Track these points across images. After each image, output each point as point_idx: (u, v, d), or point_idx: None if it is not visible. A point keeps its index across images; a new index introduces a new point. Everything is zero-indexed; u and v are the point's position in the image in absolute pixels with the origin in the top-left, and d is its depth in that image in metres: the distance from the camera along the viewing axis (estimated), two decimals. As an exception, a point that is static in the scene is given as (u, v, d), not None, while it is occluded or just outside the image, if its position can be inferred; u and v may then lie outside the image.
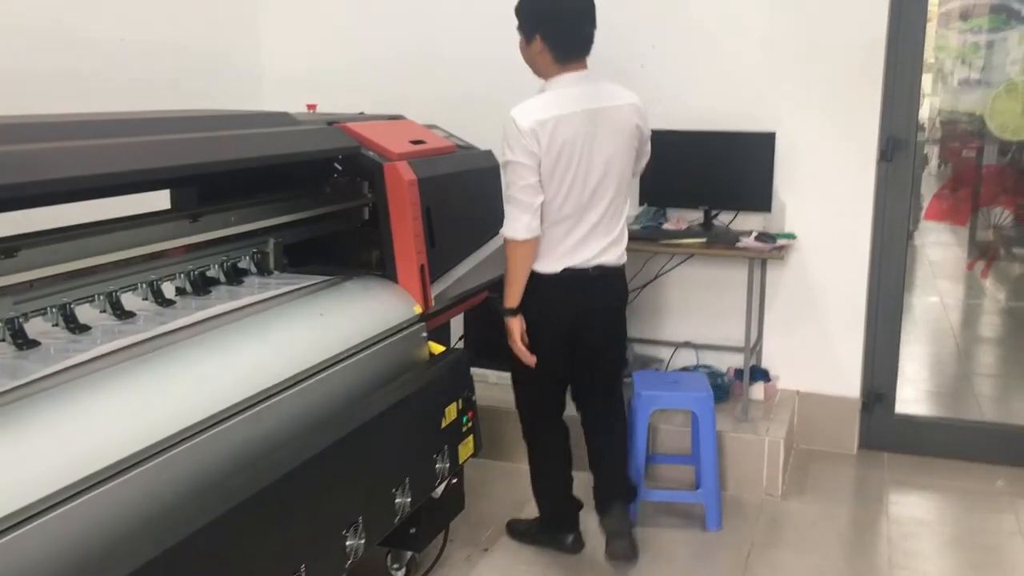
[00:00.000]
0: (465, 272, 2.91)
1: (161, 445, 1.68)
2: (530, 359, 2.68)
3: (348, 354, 2.22)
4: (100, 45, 3.38)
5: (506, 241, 2.63)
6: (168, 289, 2.25)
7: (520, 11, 2.66)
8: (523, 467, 3.01)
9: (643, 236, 3.68)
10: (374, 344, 2.34)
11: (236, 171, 2.32)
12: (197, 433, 1.77)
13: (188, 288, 2.30)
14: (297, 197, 2.71)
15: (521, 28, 2.65)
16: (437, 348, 2.61)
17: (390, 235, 2.57)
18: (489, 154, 3.20)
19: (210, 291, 2.33)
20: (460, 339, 3.86)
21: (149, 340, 1.93)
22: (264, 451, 1.89)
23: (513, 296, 2.66)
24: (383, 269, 2.61)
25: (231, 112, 2.50)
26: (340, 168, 2.72)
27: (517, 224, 2.59)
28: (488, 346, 3.61)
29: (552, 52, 2.64)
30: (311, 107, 3.21)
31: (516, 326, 2.67)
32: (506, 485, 3.41)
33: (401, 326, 2.48)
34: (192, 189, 2.70)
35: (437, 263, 2.70)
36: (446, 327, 3.07)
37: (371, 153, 2.57)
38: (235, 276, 2.45)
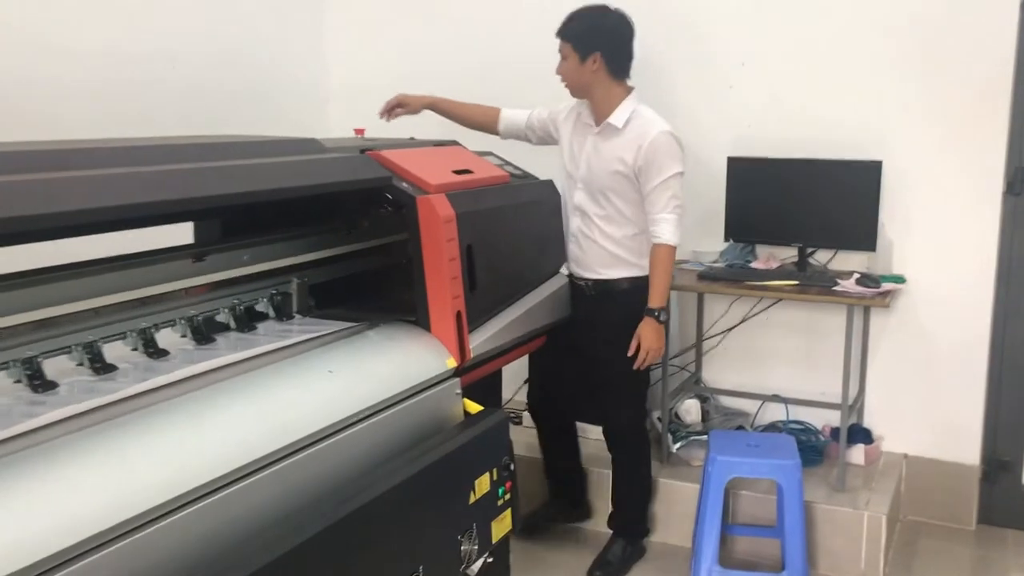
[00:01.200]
0: (517, 316, 2.59)
1: (120, 529, 1.42)
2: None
3: (358, 418, 1.93)
4: (158, 59, 3.27)
5: (666, 247, 2.79)
6: (165, 337, 2.00)
7: (578, 30, 2.77)
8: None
9: (728, 276, 3.28)
10: (393, 405, 2.04)
11: (256, 203, 2.07)
12: (161, 517, 1.49)
13: (189, 336, 2.05)
14: (327, 232, 2.45)
15: (578, 47, 2.76)
16: (473, 407, 2.30)
17: (422, 277, 2.27)
18: (549, 185, 2.89)
19: (215, 339, 2.08)
20: (525, 383, 3.52)
21: (121, 401, 1.67)
22: (242, 538, 1.61)
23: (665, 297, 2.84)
24: (416, 315, 2.31)
25: (250, 139, 2.26)
26: (388, 198, 2.44)
27: (680, 231, 2.81)
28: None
29: (612, 69, 2.80)
30: (359, 132, 2.96)
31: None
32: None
33: (429, 382, 2.18)
34: (215, 221, 2.47)
35: (478, 308, 2.40)
36: (497, 380, 2.75)
37: (404, 184, 2.29)
38: (247, 321, 2.19)
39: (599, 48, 2.77)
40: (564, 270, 2.96)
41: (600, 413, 3.08)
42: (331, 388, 1.93)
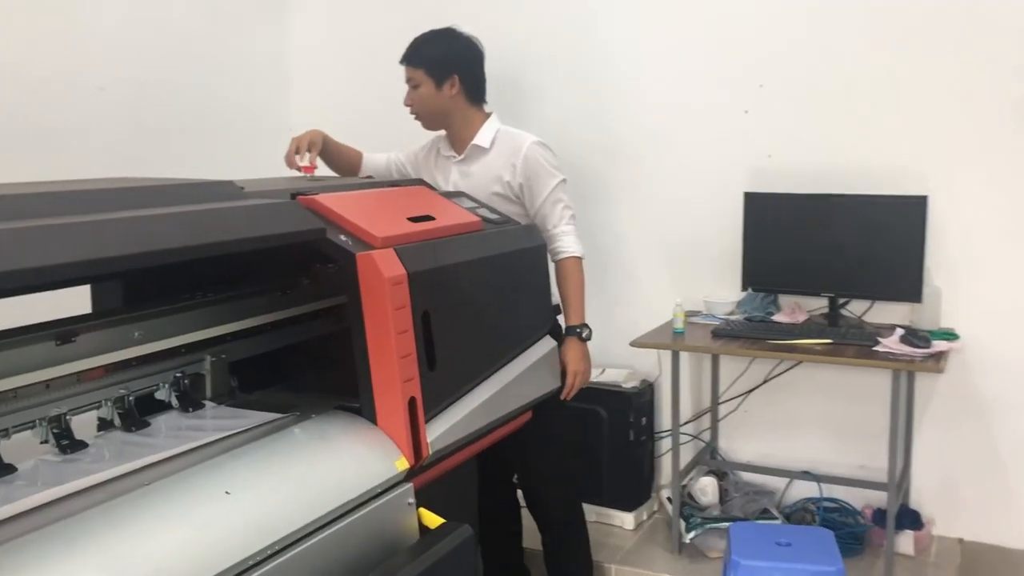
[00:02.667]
0: (493, 394, 2.10)
1: None
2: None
3: (265, 555, 1.44)
4: (119, 88, 2.98)
5: (573, 260, 2.53)
6: (16, 448, 1.52)
7: (432, 54, 2.56)
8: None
9: (747, 333, 2.80)
10: (319, 531, 1.55)
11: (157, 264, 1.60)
12: None
13: (52, 443, 1.57)
14: (255, 294, 1.98)
15: (433, 72, 2.55)
16: (432, 520, 1.80)
17: (365, 356, 1.79)
18: (531, 230, 2.41)
19: (86, 446, 1.60)
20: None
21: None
22: None
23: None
24: (360, 401, 1.83)
25: (147, 183, 1.79)
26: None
27: (580, 241, 2.55)
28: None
29: (470, 92, 2.61)
30: (307, 170, 2.51)
31: None
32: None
33: (372, 492, 1.69)
34: (116, 283, 2.00)
35: (440, 390, 1.91)
36: (468, 468, 2.25)
37: (342, 238, 1.81)
38: (137, 417, 1.71)
39: (456, 71, 2.55)
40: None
41: (527, 486, 2.63)
42: (227, 517, 1.44)
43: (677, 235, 3.16)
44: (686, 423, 3.21)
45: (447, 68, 2.54)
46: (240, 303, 1.94)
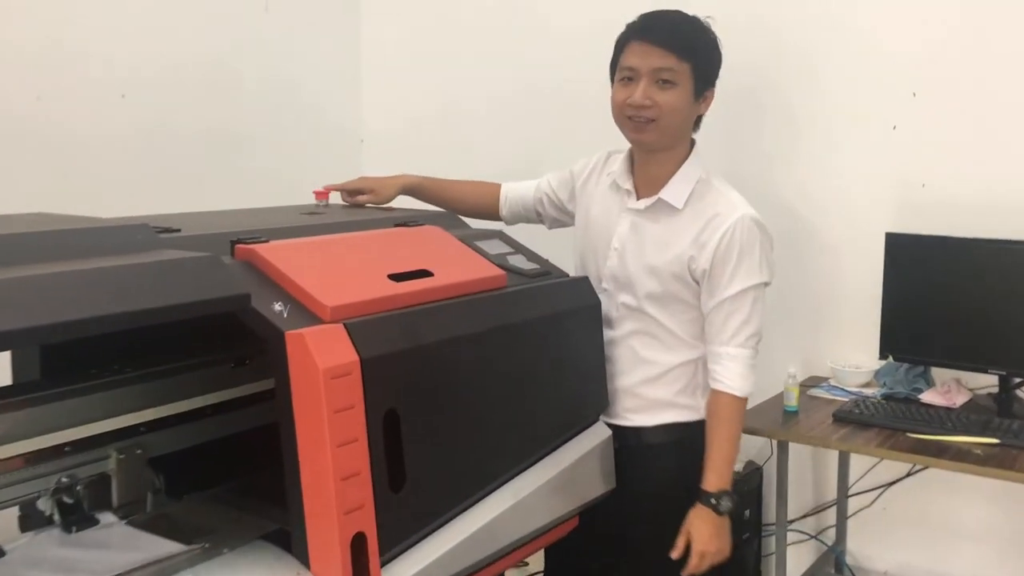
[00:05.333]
0: (506, 509, 1.57)
1: None
2: None
3: None
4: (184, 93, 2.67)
5: (731, 400, 1.81)
6: None
7: (705, 50, 1.82)
8: None
9: (883, 419, 2.14)
10: None
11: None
12: None
13: None
14: (193, 369, 1.53)
15: (700, 74, 1.82)
16: None
17: (295, 473, 1.30)
18: (581, 286, 1.85)
19: None
20: None
21: None
22: None
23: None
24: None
25: (34, 226, 1.36)
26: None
27: (754, 376, 1.84)
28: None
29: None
30: (320, 195, 2.07)
31: None
32: None
33: None
34: (33, 351, 1.60)
35: (412, 517, 1.40)
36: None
37: (276, 307, 1.32)
38: (-11, 543, 1.29)
39: (714, 82, 1.86)
40: (610, 416, 1.91)
41: None
42: None
43: (798, 282, 2.50)
44: (801, 518, 2.56)
45: (712, 76, 1.84)
46: (168, 381, 1.50)
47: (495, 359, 1.58)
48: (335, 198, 2.09)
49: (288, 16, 2.94)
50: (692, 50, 1.78)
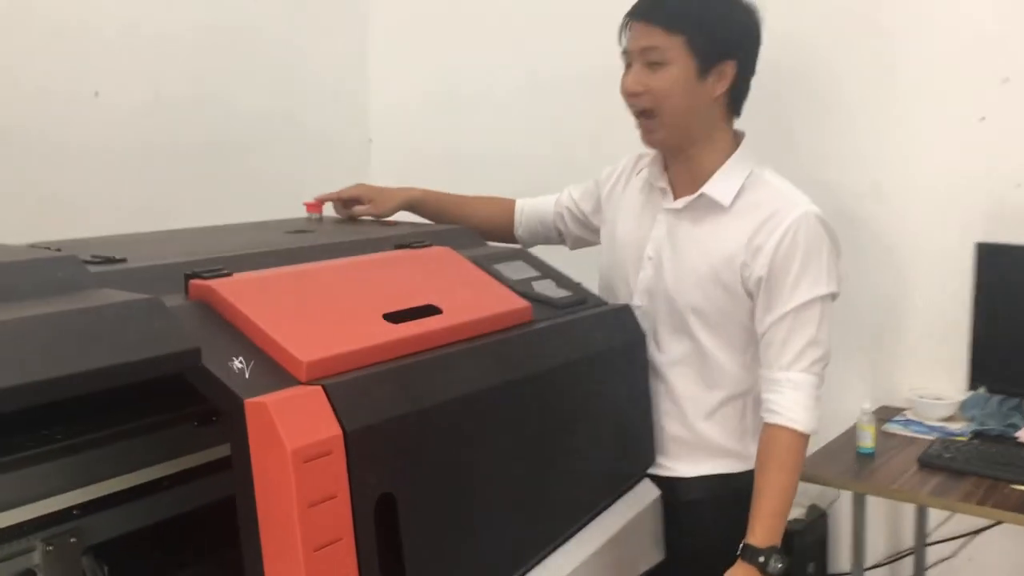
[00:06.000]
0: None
1: None
2: None
3: None
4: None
5: (791, 436, 1.47)
6: None
7: (710, 20, 1.50)
8: None
9: (976, 466, 1.81)
10: None
11: None
12: None
13: None
14: (130, 436, 1.23)
15: (698, 46, 1.49)
16: None
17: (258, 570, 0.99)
18: (624, 315, 1.54)
19: None
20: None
21: None
22: None
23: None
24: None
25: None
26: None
27: (819, 408, 1.49)
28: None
29: (735, 96, 1.56)
30: (312, 208, 1.79)
31: None
32: None
33: None
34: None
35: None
36: None
37: (236, 364, 1.02)
38: None
39: (733, 54, 1.51)
40: (658, 469, 1.59)
41: None
42: None
43: (870, 297, 2.16)
44: (872, 568, 2.23)
45: (722, 46, 1.50)
46: (110, 449, 1.20)
47: (521, 417, 1.26)
48: (329, 210, 1.80)
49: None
50: (682, 18, 1.48)
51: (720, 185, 1.53)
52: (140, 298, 1.02)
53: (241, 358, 1.03)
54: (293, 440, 0.95)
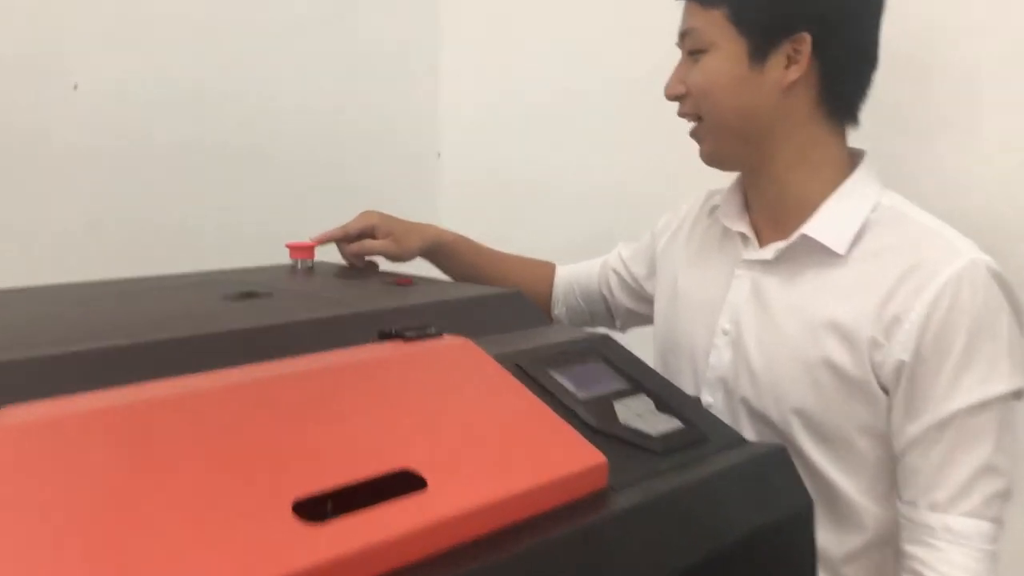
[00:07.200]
0: None
1: None
2: None
3: None
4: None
5: None
6: None
7: None
8: None
9: None
10: None
11: None
12: None
13: None
14: None
15: (746, 20, 1.01)
16: None
17: None
18: (779, 458, 0.88)
19: None
20: None
21: None
22: None
23: None
24: None
25: None
26: None
27: (996, 566, 0.94)
28: None
29: (830, 88, 1.04)
30: (298, 252, 1.23)
31: None
32: None
33: None
34: None
35: None
36: None
37: None
38: None
39: (805, 26, 1.01)
40: None
41: None
42: None
43: None
44: None
45: (783, 15, 1.01)
46: None
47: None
48: (328, 254, 1.23)
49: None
50: None
51: (829, 223, 1.02)
52: None
53: None
54: None
